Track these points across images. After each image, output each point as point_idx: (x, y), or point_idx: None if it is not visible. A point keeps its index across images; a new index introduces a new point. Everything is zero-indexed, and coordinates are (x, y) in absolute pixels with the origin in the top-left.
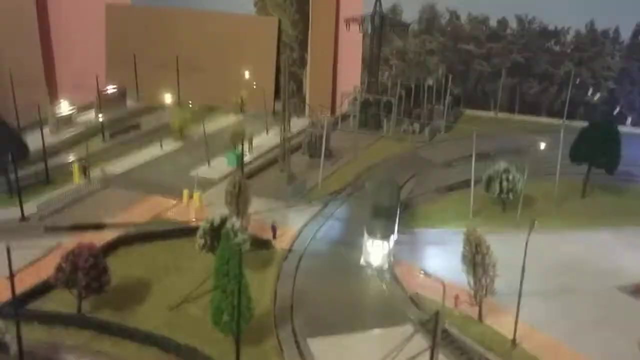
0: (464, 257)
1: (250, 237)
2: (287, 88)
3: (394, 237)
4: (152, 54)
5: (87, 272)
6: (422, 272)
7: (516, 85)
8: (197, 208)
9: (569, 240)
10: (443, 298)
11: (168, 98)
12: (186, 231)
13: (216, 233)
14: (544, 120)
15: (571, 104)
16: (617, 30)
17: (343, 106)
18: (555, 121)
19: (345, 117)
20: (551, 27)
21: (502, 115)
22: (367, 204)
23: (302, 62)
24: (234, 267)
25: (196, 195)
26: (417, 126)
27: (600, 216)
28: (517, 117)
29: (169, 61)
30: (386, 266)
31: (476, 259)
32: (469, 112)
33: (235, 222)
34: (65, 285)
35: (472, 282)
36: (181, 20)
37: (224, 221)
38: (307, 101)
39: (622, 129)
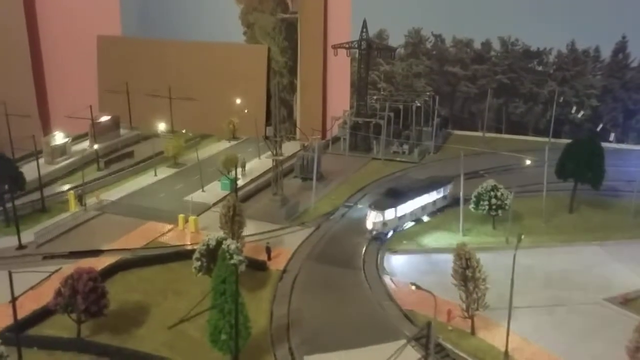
0: (455, 271)
1: (245, 259)
2: (278, 113)
3: (392, 212)
4: (143, 83)
5: (86, 296)
6: (413, 285)
7: (502, 106)
8: (192, 232)
9: (557, 254)
10: (435, 310)
11: (161, 126)
12: (183, 255)
13: (212, 255)
14: (531, 139)
15: (556, 122)
16: (597, 50)
17: (333, 130)
18: (541, 139)
19: (335, 140)
20: (534, 48)
21: (489, 135)
22: (359, 223)
23: (292, 88)
24: (230, 286)
25: (192, 219)
26: (406, 147)
27: (588, 230)
28: (505, 136)
29: (160, 90)
30: (377, 230)
31: (467, 273)
32: (457, 133)
33: (230, 243)
34: (64, 309)
35: (463, 296)
36: (172, 50)
37: (220, 243)
38: (298, 125)
39: (606, 145)
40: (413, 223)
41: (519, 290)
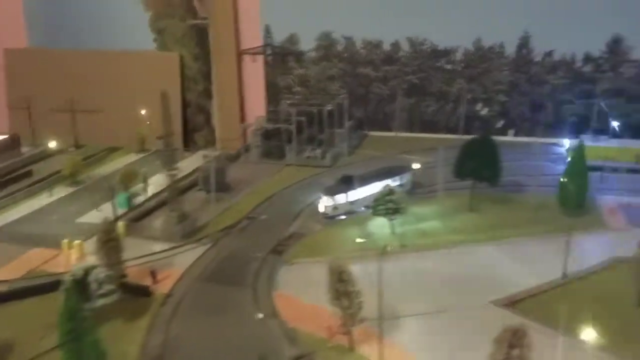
0: (329, 287)
1: (118, 287)
2: (170, 125)
3: (343, 197)
4: (53, 97)
5: None
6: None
7: (414, 105)
8: (77, 258)
9: (452, 256)
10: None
11: (52, 143)
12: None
13: (82, 286)
14: (443, 136)
15: (467, 119)
16: (502, 46)
17: (248, 137)
18: (453, 137)
19: (250, 148)
20: (441, 47)
21: (402, 135)
22: (260, 236)
23: (208, 95)
24: (80, 324)
25: (76, 244)
26: (319, 152)
27: (486, 229)
28: (418, 135)
29: (70, 104)
30: (328, 214)
31: (339, 288)
32: (373, 134)
33: (99, 272)
34: None
35: (339, 312)
36: (82, 61)
37: (88, 272)
38: (217, 133)
39: (506, 139)
40: (365, 208)
41: (408, 297)
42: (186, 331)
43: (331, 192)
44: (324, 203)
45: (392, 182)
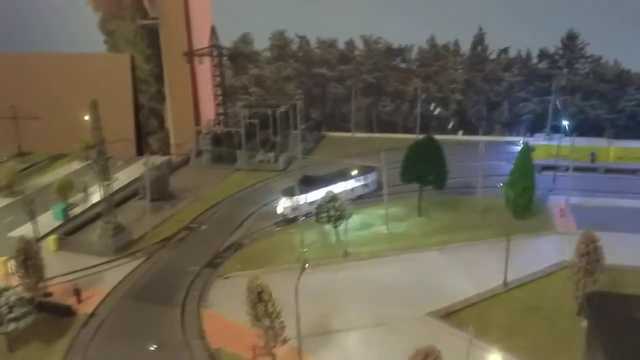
0: (248, 308)
1: (37, 307)
2: (100, 133)
3: (303, 198)
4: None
5: None
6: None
7: (371, 105)
8: (2, 276)
9: (395, 264)
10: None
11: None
12: None
13: None
14: (400, 136)
15: (423, 118)
16: (457, 43)
17: (201, 141)
18: (410, 137)
19: (200, 153)
20: (395, 45)
21: (360, 135)
22: (198, 247)
23: (161, 97)
24: None
25: (1, 261)
26: (271, 155)
27: (432, 234)
28: (375, 135)
29: (13, 110)
30: (286, 215)
31: (258, 308)
32: (330, 134)
33: (10, 295)
34: None
35: (261, 332)
36: (27, 65)
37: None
38: (172, 137)
39: (460, 139)
40: None
41: (344, 310)
42: (104, 355)
43: (290, 192)
44: (283, 204)
45: (357, 182)
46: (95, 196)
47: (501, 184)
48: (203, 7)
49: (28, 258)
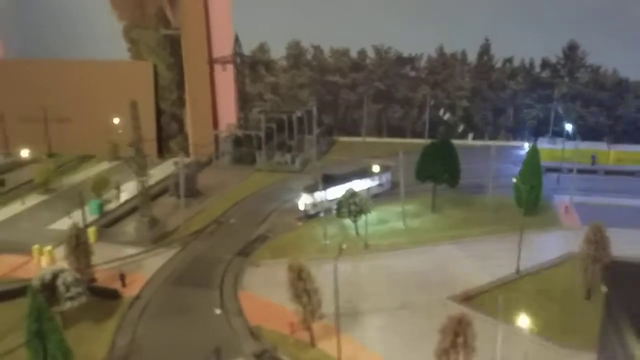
0: (289, 285)
1: (87, 289)
2: (139, 132)
3: (322, 195)
4: (26, 106)
5: None
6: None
7: (381, 111)
8: (48, 264)
9: (413, 256)
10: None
11: (24, 152)
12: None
13: (51, 289)
14: (409, 141)
15: (431, 124)
16: (464, 53)
17: (220, 144)
18: (419, 141)
19: (221, 154)
20: (406, 54)
21: (370, 140)
22: (228, 239)
23: (181, 103)
24: (43, 323)
25: (46, 250)
26: (288, 157)
27: (446, 229)
28: (384, 140)
29: (44, 112)
30: (308, 211)
31: (299, 286)
32: (342, 139)
33: (67, 276)
34: None
35: (300, 309)
36: (55, 71)
37: (56, 276)
38: (190, 140)
39: (469, 143)
40: None
41: (369, 295)
42: (152, 331)
43: (311, 189)
44: (304, 200)
45: (372, 181)
46: (126, 194)
47: (515, 180)
48: (224, 17)
49: (79, 244)
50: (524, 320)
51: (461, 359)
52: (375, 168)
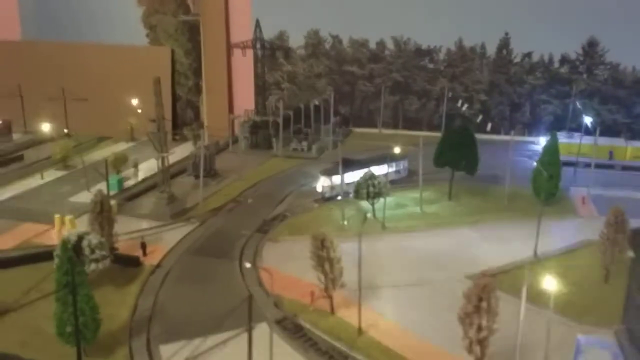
0: (312, 254)
1: (111, 254)
2: (162, 109)
3: (339, 178)
4: (45, 87)
5: None
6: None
7: (398, 103)
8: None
9: (431, 237)
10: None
11: (45, 127)
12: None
13: (75, 251)
14: (425, 133)
15: (448, 116)
16: (483, 46)
17: (237, 129)
18: (435, 134)
19: (238, 139)
20: (424, 47)
21: (386, 131)
22: (246, 217)
23: (198, 90)
24: (75, 277)
25: (67, 219)
26: (304, 144)
27: (463, 215)
28: (401, 132)
29: (62, 92)
30: (325, 193)
31: (321, 254)
32: (357, 130)
33: (92, 238)
34: None
35: (322, 277)
36: (74, 53)
37: (81, 238)
38: (206, 124)
39: (485, 137)
40: None
41: (388, 271)
42: (174, 296)
43: (329, 172)
44: (322, 183)
45: (390, 168)
46: (143, 173)
47: (536, 163)
48: (243, 5)
49: (103, 211)
50: (544, 299)
51: (484, 322)
52: (397, 150)
